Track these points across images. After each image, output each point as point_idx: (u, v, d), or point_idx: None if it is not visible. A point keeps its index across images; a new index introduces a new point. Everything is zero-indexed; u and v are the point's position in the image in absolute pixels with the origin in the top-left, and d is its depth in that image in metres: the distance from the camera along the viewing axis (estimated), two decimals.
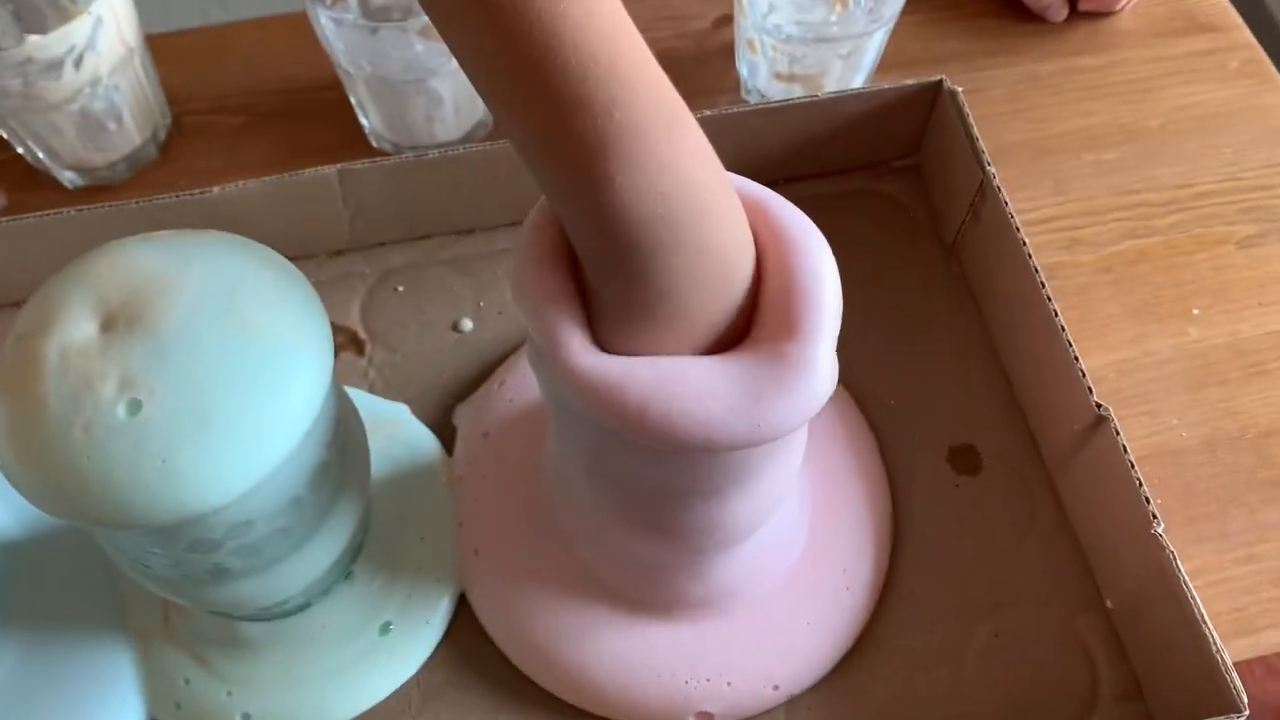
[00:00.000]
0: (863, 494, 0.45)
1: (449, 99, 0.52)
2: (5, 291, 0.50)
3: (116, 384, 0.30)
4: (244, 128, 0.57)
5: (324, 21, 0.48)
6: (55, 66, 0.47)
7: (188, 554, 0.33)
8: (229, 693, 0.41)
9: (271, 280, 0.33)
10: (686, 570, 0.41)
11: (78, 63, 0.48)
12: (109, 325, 0.31)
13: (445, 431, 0.47)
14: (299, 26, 0.60)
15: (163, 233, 0.34)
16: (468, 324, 0.51)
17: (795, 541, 0.43)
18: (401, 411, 0.48)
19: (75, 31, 0.47)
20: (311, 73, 0.58)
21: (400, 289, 0.52)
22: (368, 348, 0.50)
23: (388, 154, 0.56)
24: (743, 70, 0.57)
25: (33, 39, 0.46)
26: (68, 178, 0.54)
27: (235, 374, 0.31)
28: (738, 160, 0.36)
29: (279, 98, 0.58)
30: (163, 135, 0.56)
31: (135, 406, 0.30)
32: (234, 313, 0.31)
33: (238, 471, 0.30)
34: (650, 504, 0.39)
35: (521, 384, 0.48)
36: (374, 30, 0.47)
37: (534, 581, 0.43)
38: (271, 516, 0.33)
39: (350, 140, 0.56)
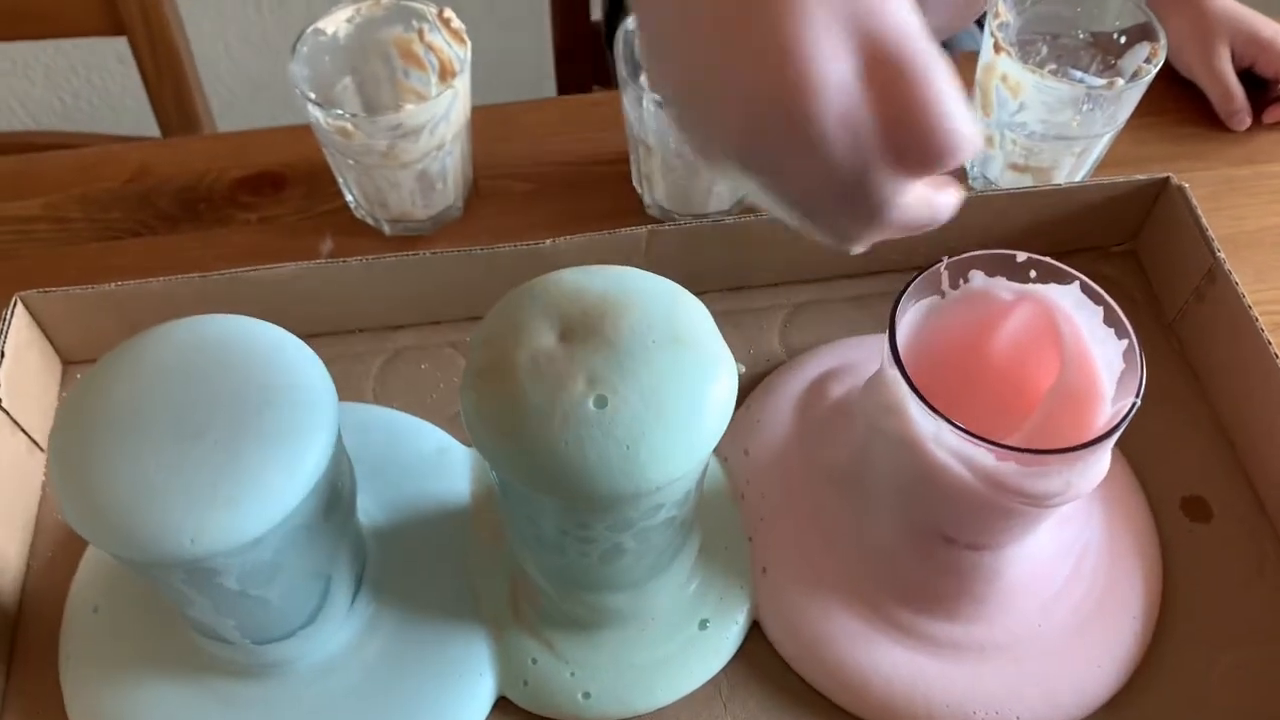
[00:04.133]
0: (1142, 544, 0.50)
1: None
2: (374, 317, 0.58)
3: (584, 382, 0.37)
4: (531, 193, 0.65)
5: (645, 103, 0.56)
6: (416, 131, 0.56)
7: (605, 530, 0.40)
8: (572, 674, 0.47)
9: (691, 308, 0.40)
10: (972, 615, 0.47)
11: (433, 130, 0.56)
12: (567, 336, 0.38)
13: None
14: (571, 109, 0.69)
15: (594, 267, 0.41)
16: (740, 367, 0.57)
17: (1086, 592, 0.48)
18: None
19: (439, 102, 0.55)
20: (587, 149, 0.67)
21: None
22: None
23: (659, 220, 0.63)
24: (971, 162, 0.64)
25: (408, 108, 0.54)
26: (386, 228, 0.62)
27: (678, 379, 0.38)
28: (980, 236, 0.43)
29: (560, 169, 0.66)
30: (468, 196, 0.64)
31: (601, 401, 0.37)
32: (670, 331, 0.39)
33: (681, 458, 0.37)
34: (949, 553, 0.45)
35: (769, 410, 0.54)
36: None
37: (820, 606, 0.48)
38: (672, 505, 0.40)
39: (624, 207, 0.64)
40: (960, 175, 0.66)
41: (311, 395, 0.38)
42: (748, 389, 0.56)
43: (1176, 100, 0.70)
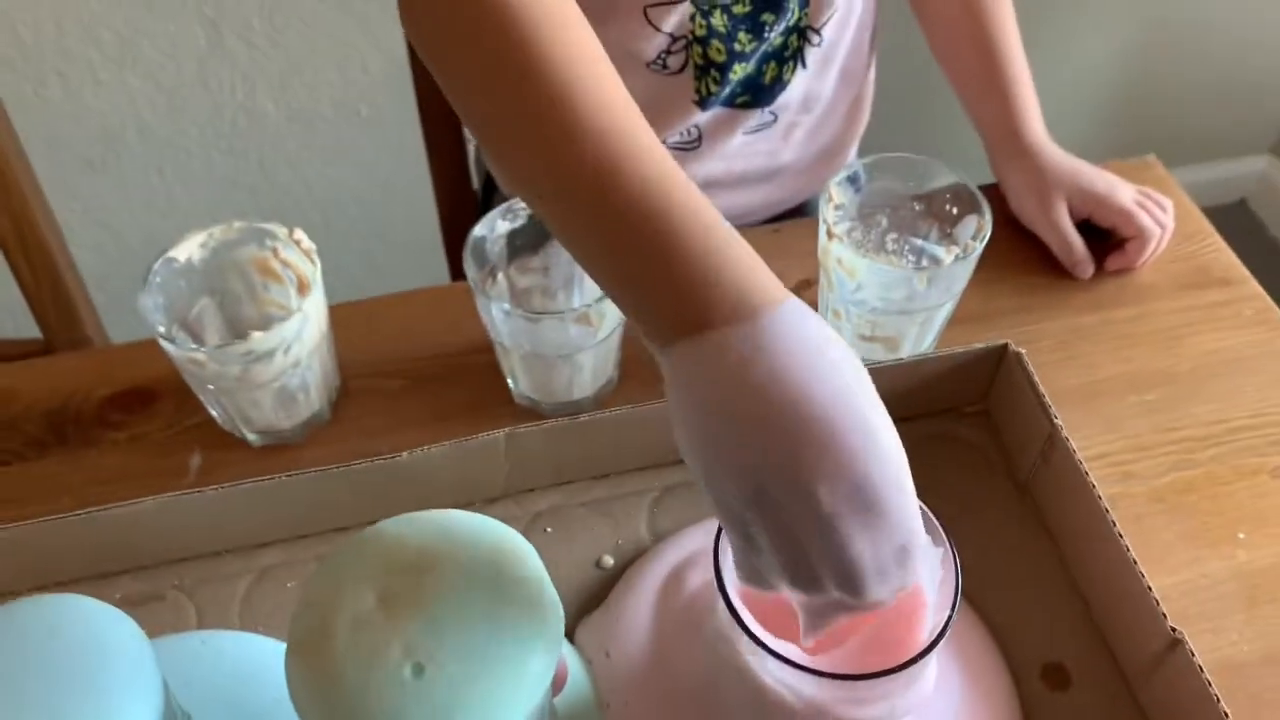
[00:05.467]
0: None
1: (589, 368, 0.61)
2: (215, 542, 0.58)
3: (401, 650, 0.38)
4: (401, 390, 0.66)
5: (494, 312, 0.57)
6: (269, 355, 0.56)
7: None
8: None
9: (515, 556, 0.41)
10: None
11: (287, 351, 0.57)
12: (386, 599, 0.39)
13: None
14: (441, 299, 0.71)
15: (423, 514, 0.42)
16: (609, 560, 0.58)
17: None
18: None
19: (289, 327, 0.56)
20: (457, 339, 0.68)
21: (549, 530, 0.59)
22: None
23: (528, 409, 0.64)
24: None
25: (256, 335, 0.55)
26: (253, 439, 0.63)
27: (496, 638, 0.38)
28: None
29: (430, 362, 0.67)
30: (335, 398, 0.65)
31: (418, 670, 0.37)
32: (495, 583, 0.39)
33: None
34: None
35: (629, 607, 0.54)
36: (536, 320, 0.56)
37: None
38: None
39: (494, 398, 0.65)
40: None
41: (129, 688, 0.38)
42: (613, 582, 0.57)
43: (1023, 252, 0.72)
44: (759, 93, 0.76)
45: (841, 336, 0.64)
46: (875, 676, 0.39)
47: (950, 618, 0.41)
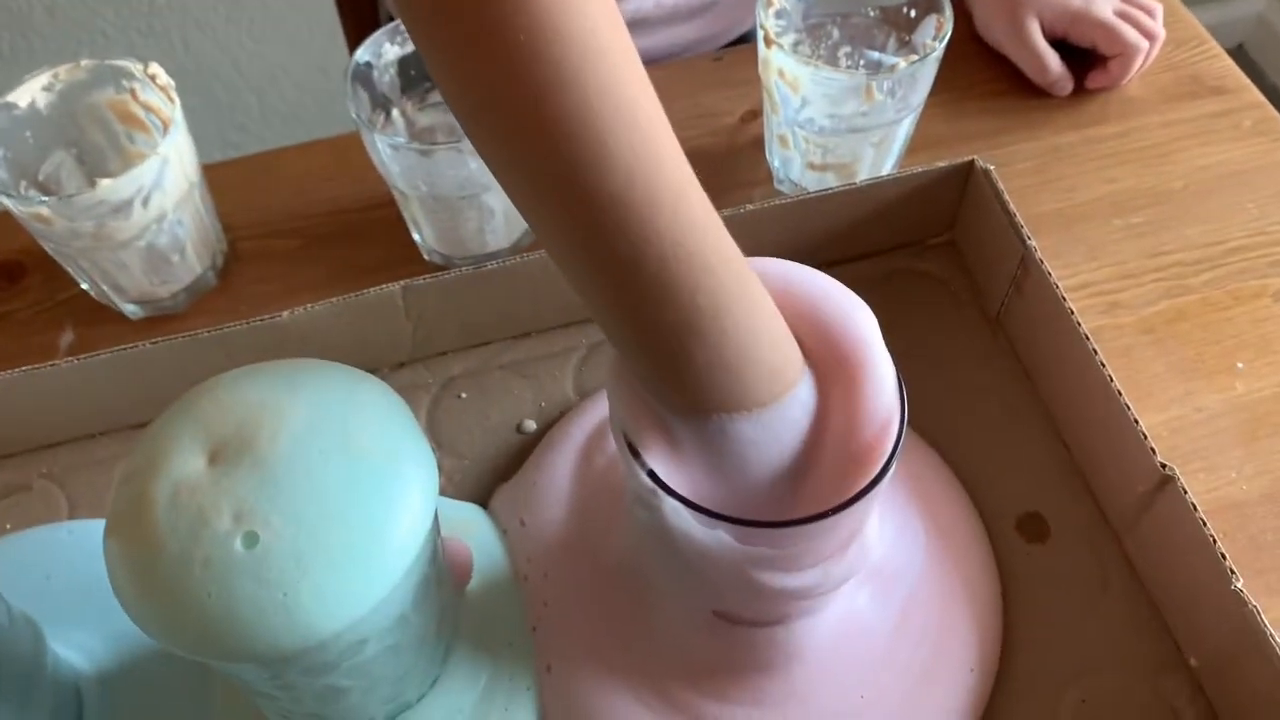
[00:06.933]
0: (978, 580, 0.45)
1: (500, 211, 0.54)
2: (86, 424, 0.51)
3: (231, 517, 0.31)
4: (298, 250, 0.59)
5: (380, 146, 0.50)
6: (125, 207, 0.49)
7: (301, 677, 0.34)
8: None
9: (374, 404, 0.34)
10: (782, 696, 0.41)
11: (145, 201, 0.50)
12: (217, 458, 0.32)
13: None
14: (342, 149, 0.63)
15: (264, 364, 0.35)
16: (530, 424, 0.52)
17: (915, 648, 0.43)
18: (476, 513, 0.48)
19: (144, 172, 0.49)
20: (359, 193, 0.60)
21: (463, 395, 0.53)
22: (436, 455, 0.51)
23: (440, 266, 0.57)
24: (775, 163, 0.59)
25: (104, 182, 0.48)
26: (130, 310, 0.56)
27: (348, 499, 0.32)
28: (781, 249, 0.38)
29: (329, 219, 0.60)
30: (220, 262, 0.57)
31: (252, 539, 0.31)
32: (342, 438, 0.33)
33: (356, 597, 0.31)
34: (736, 633, 0.40)
35: (546, 471, 0.48)
36: (429, 152, 0.49)
37: (609, 704, 0.42)
38: (381, 635, 0.34)
39: (402, 255, 0.58)
40: (766, 179, 0.60)
41: None
42: (532, 447, 0.51)
43: (992, 68, 0.64)
44: None
45: (792, 167, 0.58)
46: (793, 525, 0.33)
47: (890, 459, 0.34)
